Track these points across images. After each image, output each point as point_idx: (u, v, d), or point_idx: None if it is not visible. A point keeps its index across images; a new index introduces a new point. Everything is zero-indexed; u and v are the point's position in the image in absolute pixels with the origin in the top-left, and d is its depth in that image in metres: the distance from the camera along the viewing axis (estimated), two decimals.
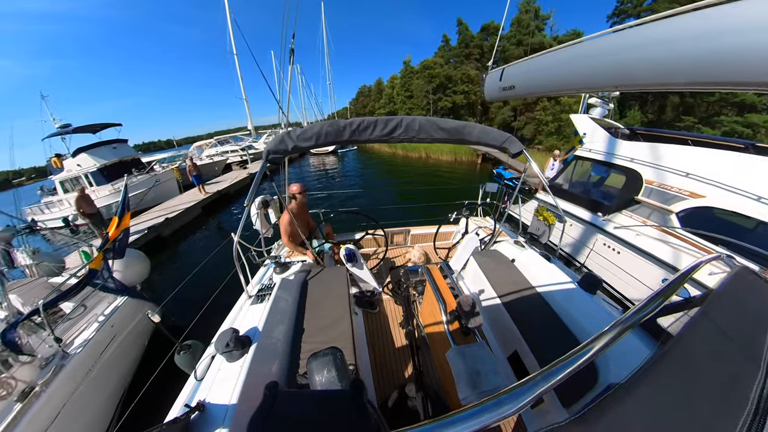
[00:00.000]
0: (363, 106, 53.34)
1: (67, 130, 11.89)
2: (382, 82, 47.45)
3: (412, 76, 33.62)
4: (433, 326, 1.78)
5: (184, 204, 10.31)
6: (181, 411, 1.19)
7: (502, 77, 2.21)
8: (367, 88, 55.06)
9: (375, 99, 47.24)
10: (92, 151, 11.61)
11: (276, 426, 0.71)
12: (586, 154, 4.76)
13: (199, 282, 3.03)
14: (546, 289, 2.05)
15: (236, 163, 17.93)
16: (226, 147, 19.54)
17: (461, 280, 2.69)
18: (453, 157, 17.82)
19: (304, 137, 1.87)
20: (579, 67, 1.70)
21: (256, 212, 2.91)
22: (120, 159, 12.02)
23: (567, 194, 4.82)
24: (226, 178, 14.47)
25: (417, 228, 3.81)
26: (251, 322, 1.68)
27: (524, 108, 23.87)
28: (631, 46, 1.46)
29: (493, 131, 2.10)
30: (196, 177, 11.12)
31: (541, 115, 21.40)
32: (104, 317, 2.86)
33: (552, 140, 20.25)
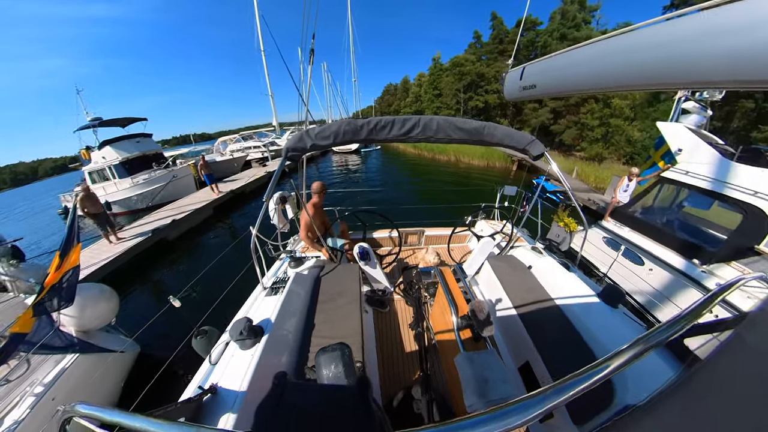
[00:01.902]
0: (388, 104, 54.64)
1: (95, 123, 13.43)
2: (409, 80, 48.42)
3: (441, 74, 34.00)
4: (443, 329, 1.86)
5: (194, 204, 10.57)
6: (195, 392, 1.35)
7: (522, 76, 2.28)
8: (393, 87, 56.41)
9: (401, 97, 48.26)
10: (116, 144, 13.04)
11: (283, 415, 0.81)
12: (681, 177, 3.96)
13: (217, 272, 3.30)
14: (563, 299, 2.08)
15: (256, 160, 18.92)
16: (248, 143, 20.74)
17: (474, 284, 2.77)
18: (485, 162, 17.66)
19: (322, 136, 2.07)
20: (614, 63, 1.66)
21: (274, 207, 3.19)
22: (142, 153, 13.30)
23: (645, 227, 4.15)
24: (243, 176, 15.27)
25: (431, 229, 3.93)
26: (265, 313, 1.88)
27: (566, 110, 23.10)
28: (697, 35, 1.31)
29: (515, 133, 2.18)
30: (208, 176, 11.48)
31: (586, 118, 20.58)
32: (42, 388, 2.40)
33: (597, 148, 19.39)
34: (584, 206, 8.95)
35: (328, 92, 40.72)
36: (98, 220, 7.37)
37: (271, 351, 1.60)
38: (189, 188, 12.97)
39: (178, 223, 8.86)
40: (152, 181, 12.12)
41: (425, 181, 14.97)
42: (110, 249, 7.14)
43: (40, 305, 2.25)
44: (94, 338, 2.97)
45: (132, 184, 12.15)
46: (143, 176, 12.28)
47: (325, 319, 1.94)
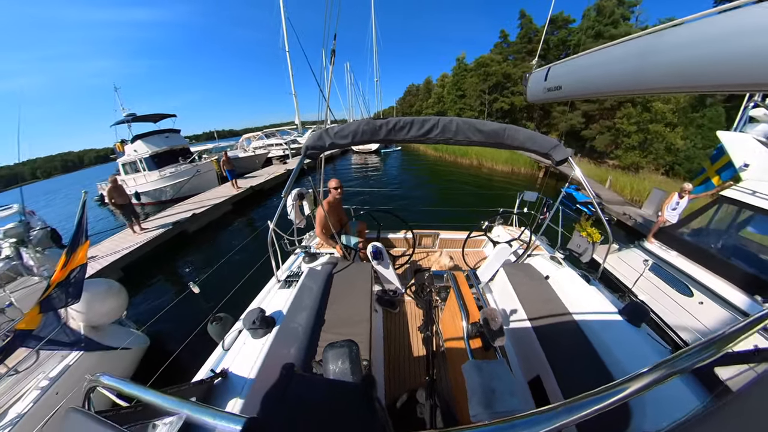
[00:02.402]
0: (410, 105, 54.83)
1: (129, 118, 14.62)
2: (431, 81, 48.38)
3: (466, 75, 33.61)
4: (452, 335, 1.87)
5: (214, 199, 11.08)
6: (207, 375, 1.43)
7: (547, 77, 2.23)
8: (415, 87, 56.59)
9: (423, 98, 48.28)
10: (147, 138, 14.16)
11: (287, 405, 0.85)
12: (746, 198, 3.55)
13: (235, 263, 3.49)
14: (581, 313, 2.03)
15: (277, 158, 19.68)
16: (271, 140, 21.63)
17: (488, 291, 2.75)
18: (509, 167, 17.06)
19: (341, 135, 2.15)
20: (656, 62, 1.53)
21: (291, 203, 3.34)
22: (170, 147, 14.29)
23: (696, 252, 3.74)
24: (263, 173, 15.90)
25: (446, 232, 3.93)
26: (277, 305, 1.98)
27: (599, 114, 22.01)
28: None
29: (538, 136, 2.15)
30: (230, 171, 12.17)
31: (622, 123, 19.40)
32: (48, 382, 2.47)
33: (633, 156, 18.23)
34: (618, 220, 8.29)
35: (350, 92, 41.47)
36: (124, 210, 7.96)
37: (281, 342, 1.69)
38: (211, 183, 13.71)
39: (198, 217, 9.35)
40: (178, 175, 12.98)
41: (444, 183, 14.84)
42: (134, 239, 7.71)
43: (46, 302, 2.26)
44: (103, 333, 3.05)
45: (160, 176, 13.11)
46: (170, 169, 13.16)
47: (335, 315, 2.02)
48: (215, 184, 13.81)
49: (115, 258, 6.72)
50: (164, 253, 7.79)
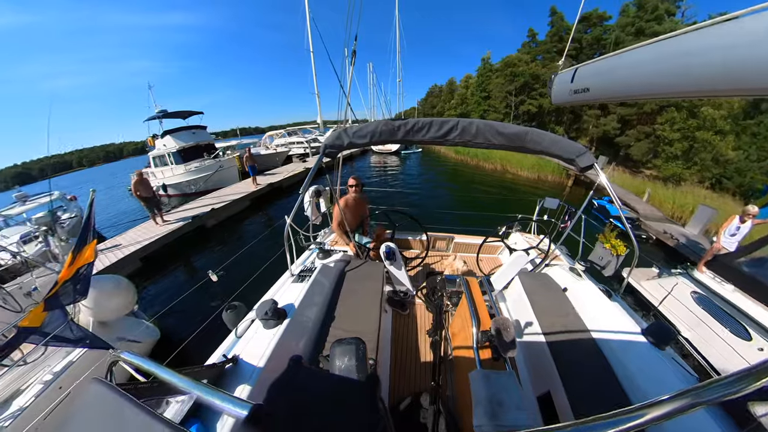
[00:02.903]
0: (432, 106, 54.59)
1: (160, 114, 15.78)
2: (455, 81, 47.86)
3: (491, 75, 32.99)
4: (461, 342, 1.85)
5: (233, 195, 11.54)
6: (219, 359, 1.51)
7: (574, 78, 2.14)
8: (438, 88, 56.24)
9: (446, 99, 47.91)
10: (175, 134, 15.19)
11: (292, 396, 0.89)
12: None
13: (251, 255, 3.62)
14: (600, 330, 1.94)
15: (297, 156, 20.28)
16: (293, 138, 22.34)
17: (501, 300, 2.70)
18: (536, 174, 16.26)
19: (359, 134, 2.21)
20: (704, 62, 1.39)
21: (308, 200, 3.46)
22: (196, 143, 15.22)
23: (760, 288, 3.34)
24: (282, 170, 16.46)
25: (461, 236, 3.90)
26: (289, 298, 2.06)
27: (638, 119, 20.70)
28: None
29: (563, 141, 2.04)
30: (251, 168, 12.58)
31: (663, 130, 18.01)
32: (51, 376, 2.53)
33: (674, 167, 16.87)
34: (657, 239, 7.64)
35: (372, 92, 41.91)
36: (148, 203, 8.45)
37: (291, 334, 1.76)
38: (232, 178, 14.40)
39: (217, 212, 9.80)
40: (202, 169, 13.79)
41: (464, 188, 14.62)
42: (155, 230, 8.24)
43: (52, 300, 2.27)
44: (111, 328, 3.12)
45: (185, 170, 14.00)
46: (195, 164, 14.00)
47: (344, 312, 2.06)
48: (236, 179, 14.46)
49: (136, 248, 7.18)
50: (183, 246, 8.23)
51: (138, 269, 7.04)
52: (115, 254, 6.92)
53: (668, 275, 4.35)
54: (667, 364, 1.62)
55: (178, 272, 7.19)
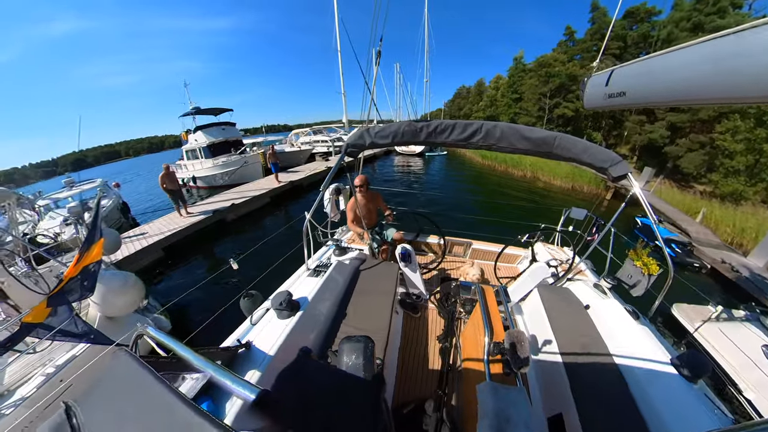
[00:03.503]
0: (459, 108, 53.96)
1: (194, 111, 16.97)
2: (484, 82, 46.97)
3: (523, 76, 32.01)
4: (471, 351, 1.84)
5: (254, 191, 11.94)
6: (233, 343, 1.62)
7: (609, 81, 2.03)
8: (466, 89, 55.51)
9: (474, 101, 47.14)
10: (206, 130, 16.28)
11: (299, 386, 0.93)
12: None
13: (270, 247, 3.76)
14: (623, 355, 1.83)
15: (320, 154, 20.79)
16: (317, 137, 22.99)
17: (517, 312, 2.63)
18: (570, 184, 15.31)
19: (381, 135, 2.26)
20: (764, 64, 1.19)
21: (328, 197, 3.58)
22: (225, 139, 16.20)
23: None
24: (304, 168, 16.95)
25: (480, 243, 3.84)
26: (304, 292, 2.15)
27: (691, 126, 18.92)
28: None
29: (594, 148, 1.96)
30: (274, 165, 13.08)
31: (723, 140, 16.01)
32: (54, 369, 2.60)
33: (735, 183, 14.98)
34: (712, 269, 6.75)
35: (398, 93, 42.14)
36: (173, 195, 9.08)
37: (303, 326, 1.83)
38: (256, 174, 15.05)
39: (237, 207, 10.26)
40: (228, 164, 14.61)
41: (488, 194, 14.24)
42: (178, 221, 8.81)
43: (56, 297, 2.30)
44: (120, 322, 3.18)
45: (213, 164, 14.96)
46: (222, 159, 14.88)
47: (356, 309, 2.11)
48: (260, 175, 15.09)
49: (159, 238, 7.70)
50: (203, 238, 8.74)
51: (160, 258, 7.55)
52: (140, 243, 7.46)
53: (730, 318, 3.82)
54: (698, 400, 1.50)
55: (197, 263, 7.64)
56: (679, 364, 1.65)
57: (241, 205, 10.49)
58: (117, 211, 11.69)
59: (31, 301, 2.74)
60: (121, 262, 6.45)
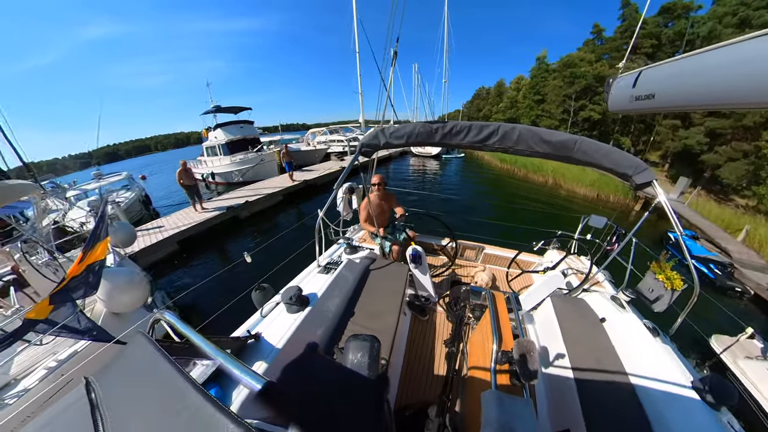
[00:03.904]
0: (478, 109, 53.39)
1: (214, 109, 17.72)
2: (504, 83, 46.17)
3: (547, 76, 31.24)
4: (478, 358, 1.82)
5: (268, 189, 12.32)
6: (243, 334, 1.69)
7: (636, 83, 1.94)
8: (485, 90, 54.83)
9: (493, 102, 46.44)
10: (225, 128, 17.00)
11: (303, 381, 0.95)
12: None
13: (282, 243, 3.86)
14: (639, 373, 1.75)
15: (335, 154, 21.15)
16: (333, 136, 23.39)
17: (528, 321, 2.59)
18: (595, 193, 14.57)
19: (396, 135, 2.29)
20: None
21: (341, 196, 3.64)
22: (243, 137, 16.83)
23: None
24: (319, 167, 17.27)
25: (492, 247, 3.79)
26: (314, 288, 2.22)
27: (732, 133, 17.39)
28: None
29: (616, 153, 1.89)
30: (288, 163, 13.47)
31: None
32: (56, 363, 2.66)
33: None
34: (757, 296, 6.30)
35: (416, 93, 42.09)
36: (190, 191, 9.45)
37: (311, 322, 1.89)
38: (271, 172, 15.48)
39: (251, 204, 10.59)
40: (244, 161, 15.16)
41: (505, 199, 13.89)
42: (193, 216, 9.21)
43: (58, 294, 2.32)
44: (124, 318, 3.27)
45: (230, 161, 15.55)
46: (239, 156, 15.46)
47: (364, 308, 2.14)
48: (275, 173, 15.51)
49: (175, 231, 8.08)
50: (216, 234, 9.08)
51: (174, 251, 7.93)
52: (156, 236, 7.85)
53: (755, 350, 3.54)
54: (721, 430, 1.42)
55: (210, 257, 7.98)
56: (702, 388, 1.56)
57: (255, 203, 10.81)
58: (139, 203, 12.41)
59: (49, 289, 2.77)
60: (137, 254, 6.78)
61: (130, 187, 13.39)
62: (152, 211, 13.59)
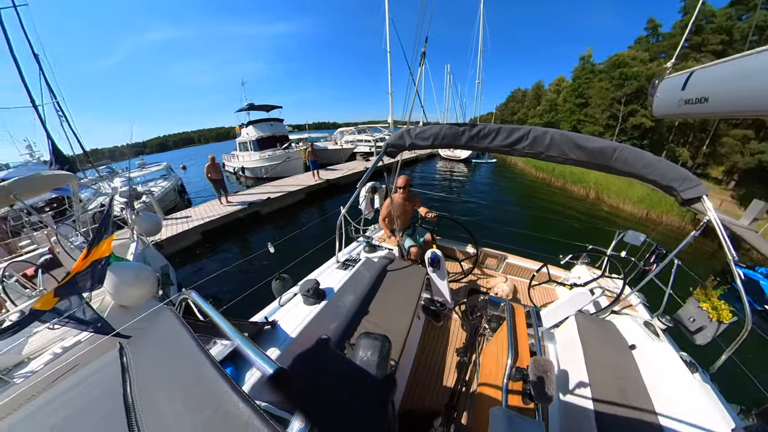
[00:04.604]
0: (512, 112, 51.80)
1: (247, 107, 19.15)
2: (543, 85, 44.34)
3: (592, 77, 29.50)
4: (490, 372, 1.78)
5: (290, 186, 12.68)
6: (261, 320, 1.82)
7: (686, 84, 1.79)
8: (521, 92, 53.05)
9: (530, 105, 44.79)
10: (256, 125, 18.29)
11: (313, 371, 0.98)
12: None
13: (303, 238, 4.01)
14: (670, 414, 1.60)
15: (361, 154, 21.54)
16: (361, 136, 23.82)
17: (548, 339, 2.49)
18: (644, 211, 12.87)
19: (422, 136, 2.32)
20: None
21: (364, 195, 3.74)
22: (272, 134, 17.94)
23: None
24: (343, 167, 17.58)
25: (515, 257, 3.69)
26: (331, 282, 2.31)
27: None
28: None
29: (661, 163, 1.76)
30: (312, 162, 13.88)
31: None
32: (61, 350, 2.84)
33: None
34: None
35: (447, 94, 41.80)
36: (216, 185, 10.12)
37: (325, 315, 1.98)
38: (297, 169, 16.16)
39: (272, 201, 11.11)
40: (272, 158, 16.09)
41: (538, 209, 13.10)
42: (218, 209, 9.84)
43: (64, 287, 2.42)
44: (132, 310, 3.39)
45: (259, 157, 16.68)
46: (268, 152, 16.49)
47: (378, 308, 2.19)
48: (300, 171, 16.14)
49: (199, 222, 8.71)
50: (238, 227, 9.63)
51: (197, 241, 8.55)
52: (182, 225, 8.51)
53: None
54: None
55: (229, 248, 8.54)
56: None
57: (276, 200, 11.32)
58: (174, 192, 13.58)
59: None
60: (163, 242, 7.42)
61: (168, 177, 14.77)
62: (186, 200, 14.76)
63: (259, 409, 0.55)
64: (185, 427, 0.57)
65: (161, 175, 14.93)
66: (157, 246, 6.60)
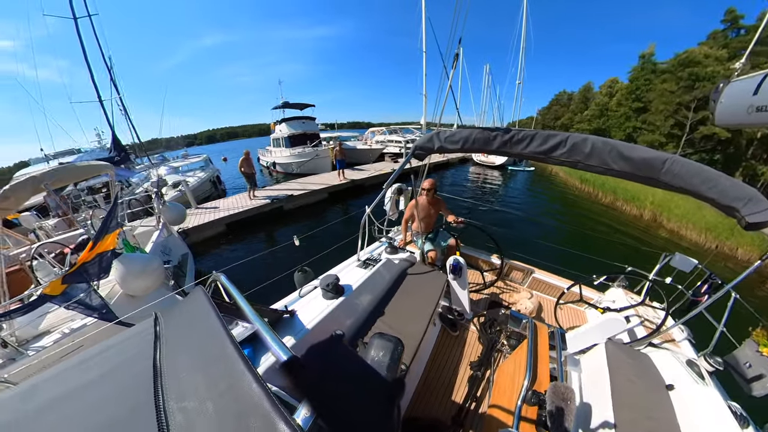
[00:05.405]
0: (555, 117, 49.07)
1: (282, 105, 20.49)
2: (592, 87, 41.29)
3: (653, 78, 26.97)
4: (504, 390, 1.73)
5: (314, 184, 13.14)
6: (281, 308, 1.95)
7: (759, 88, 1.59)
8: (567, 95, 50.04)
9: (576, 110, 42.20)
10: (289, 123, 19.63)
11: (325, 364, 1.06)
12: None
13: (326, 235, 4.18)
14: None
15: (390, 155, 21.73)
16: (392, 136, 24.25)
17: (573, 365, 2.32)
18: (714, 243, 10.41)
19: (451, 140, 2.34)
20: None
21: (390, 196, 3.82)
22: (303, 132, 19.08)
23: None
24: (370, 167, 17.83)
25: (543, 272, 3.56)
26: (350, 279, 2.41)
27: None
28: None
29: (721, 179, 1.59)
30: (339, 161, 14.10)
31: None
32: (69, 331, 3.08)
33: None
34: None
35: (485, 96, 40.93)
36: (248, 179, 10.92)
37: (342, 311, 2.08)
38: (325, 167, 16.76)
39: (295, 198, 11.67)
40: (302, 155, 17.04)
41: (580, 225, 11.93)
42: (245, 203, 10.54)
43: (71, 276, 2.61)
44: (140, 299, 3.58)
45: (290, 154, 17.77)
46: (298, 150, 17.51)
47: (394, 310, 2.25)
48: (329, 169, 16.64)
49: (225, 214, 9.43)
50: (261, 222, 10.26)
51: (221, 232, 9.25)
52: (208, 216, 9.25)
53: None
54: None
55: (251, 240, 9.15)
56: None
57: (298, 197, 11.84)
58: (209, 183, 14.79)
59: None
60: (189, 230, 8.16)
61: (205, 168, 16.19)
62: (221, 190, 15.99)
63: (270, 392, 0.59)
64: (202, 396, 0.64)
65: (200, 167, 16.33)
66: (183, 234, 7.22)
